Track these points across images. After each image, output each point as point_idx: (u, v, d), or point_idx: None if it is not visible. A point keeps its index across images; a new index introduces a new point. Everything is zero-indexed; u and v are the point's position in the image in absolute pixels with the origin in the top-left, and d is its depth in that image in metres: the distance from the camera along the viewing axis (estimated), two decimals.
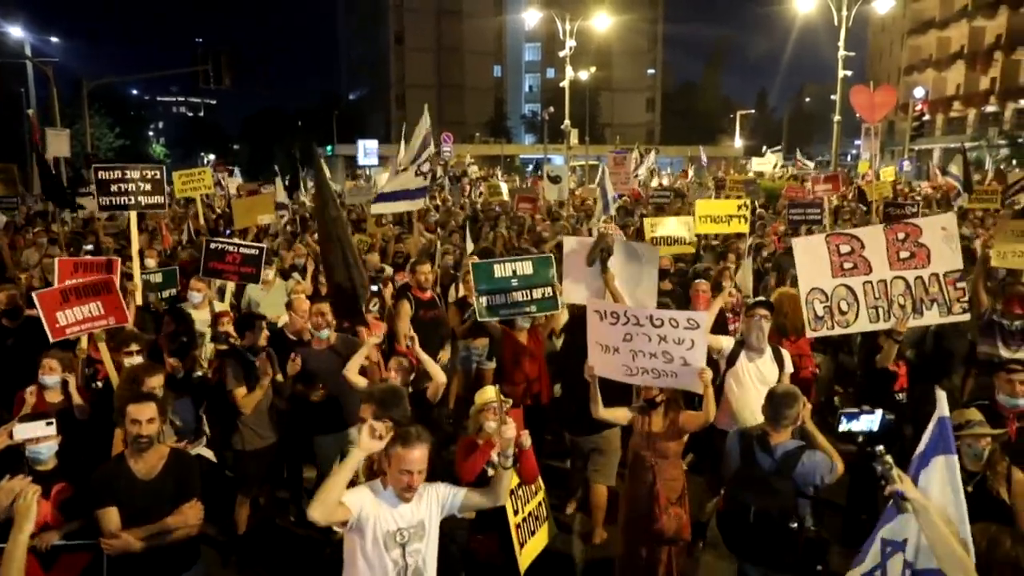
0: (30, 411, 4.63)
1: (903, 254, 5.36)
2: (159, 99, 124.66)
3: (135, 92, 79.94)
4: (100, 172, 7.05)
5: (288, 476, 6.40)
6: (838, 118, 28.20)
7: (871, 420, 2.87)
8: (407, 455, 3.25)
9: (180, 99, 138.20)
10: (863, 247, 5.35)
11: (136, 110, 67.56)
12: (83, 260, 6.74)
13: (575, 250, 6.46)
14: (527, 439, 4.29)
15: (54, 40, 34.16)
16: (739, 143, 63.44)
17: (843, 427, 2.86)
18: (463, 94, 75.22)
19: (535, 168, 54.46)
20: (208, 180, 13.77)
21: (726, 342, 5.62)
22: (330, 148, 55.50)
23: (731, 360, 5.57)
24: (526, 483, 4.51)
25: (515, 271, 6.24)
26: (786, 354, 5.68)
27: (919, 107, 32.68)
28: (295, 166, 21.04)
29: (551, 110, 50.12)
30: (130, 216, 7.20)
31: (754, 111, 76.21)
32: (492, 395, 4.53)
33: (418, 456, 3.27)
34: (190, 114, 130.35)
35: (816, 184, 13.52)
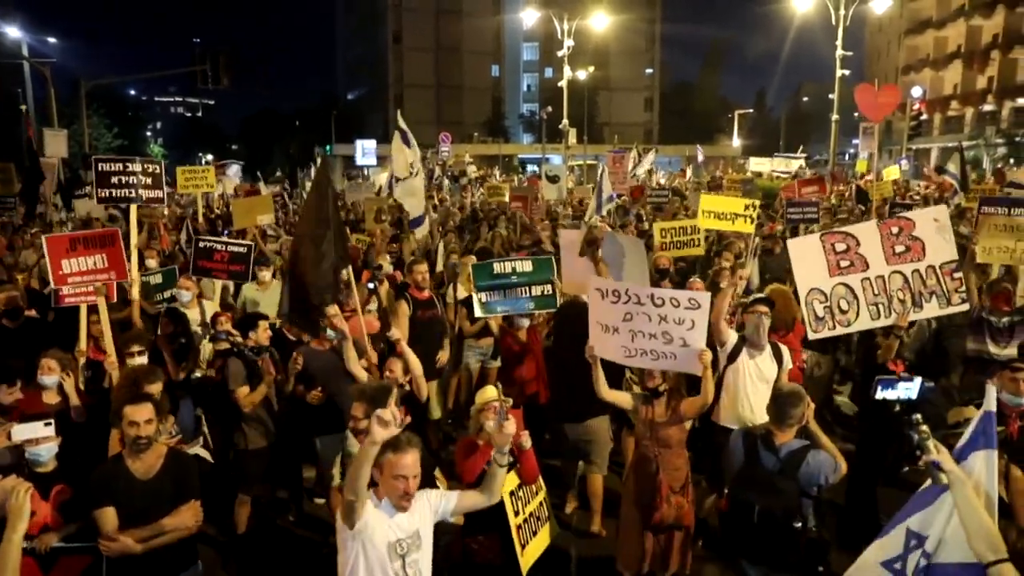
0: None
1: (898, 248, 5.36)
2: (157, 99, 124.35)
3: (133, 92, 79.79)
4: (101, 164, 7.02)
5: (288, 476, 6.40)
6: (836, 117, 28.23)
7: (909, 388, 2.77)
8: (400, 461, 3.17)
9: (178, 99, 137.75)
10: (858, 244, 5.34)
11: (134, 110, 67.44)
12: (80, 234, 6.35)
13: (572, 242, 6.50)
14: (527, 440, 4.32)
15: (52, 40, 34.16)
16: (737, 143, 63.47)
17: (879, 395, 2.77)
18: (461, 94, 75.20)
19: (524, 166, 54.58)
20: (211, 179, 13.79)
21: (731, 336, 5.63)
22: (328, 148, 55.46)
23: (732, 356, 5.57)
24: (527, 483, 4.48)
25: (515, 268, 6.26)
26: (785, 351, 5.68)
27: (917, 106, 32.65)
28: (294, 166, 21.03)
29: (549, 110, 50.11)
30: (130, 209, 7.12)
31: (752, 111, 76.24)
32: (493, 394, 4.53)
33: (411, 461, 3.19)
34: (188, 114, 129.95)
35: (803, 186, 13.43)
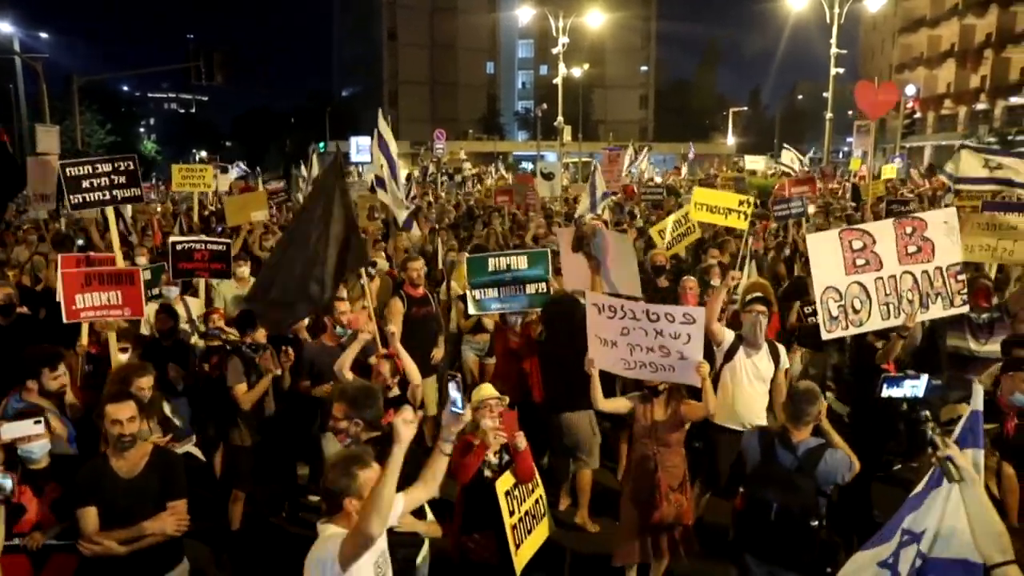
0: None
1: (911, 248, 5.34)
2: (150, 95, 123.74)
3: (126, 88, 79.59)
4: (68, 169, 6.47)
5: (282, 473, 6.40)
6: (830, 115, 28.35)
7: (915, 386, 2.72)
8: (373, 476, 3.00)
9: (172, 96, 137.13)
10: (874, 242, 5.30)
11: (127, 106, 67.20)
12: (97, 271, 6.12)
13: (568, 240, 6.54)
14: (522, 441, 4.34)
15: (44, 35, 33.97)
16: (732, 140, 63.55)
17: (884, 392, 2.72)
18: (456, 91, 75.08)
19: (519, 163, 54.60)
20: (208, 178, 13.70)
21: (728, 335, 5.64)
22: (323, 145, 55.34)
23: (729, 355, 5.58)
24: (522, 482, 4.46)
25: (509, 265, 6.24)
26: (782, 350, 5.70)
27: (910, 105, 32.78)
28: (288, 163, 20.99)
29: (544, 107, 50.14)
30: (107, 213, 6.79)
31: (747, 108, 76.38)
32: (489, 392, 4.51)
33: (375, 475, 3.06)
34: (182, 111, 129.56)
35: (793, 186, 13.57)
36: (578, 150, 49.07)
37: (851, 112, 29.75)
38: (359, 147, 53.89)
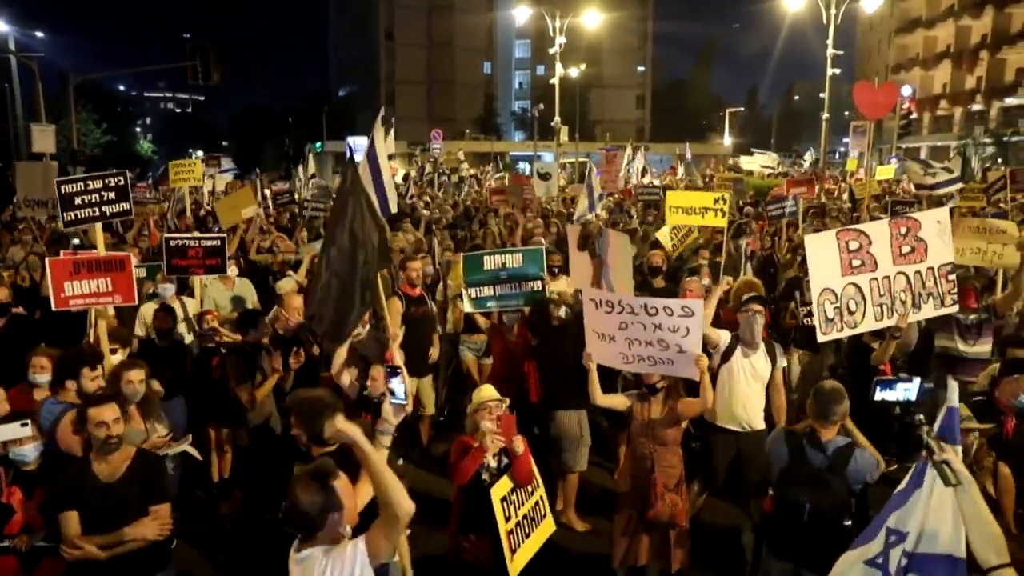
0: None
1: (905, 249, 5.36)
2: (147, 95, 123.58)
3: (122, 88, 79.46)
4: (63, 187, 6.34)
5: (280, 472, 6.37)
6: (826, 116, 28.34)
7: (908, 389, 2.75)
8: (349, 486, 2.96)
9: (168, 95, 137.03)
10: (870, 243, 5.30)
11: (123, 105, 67.08)
12: (86, 257, 5.99)
13: (574, 236, 6.57)
14: (520, 444, 4.31)
15: (39, 35, 33.88)
16: (728, 140, 63.63)
17: (878, 396, 2.74)
18: (453, 90, 75.05)
19: (516, 163, 54.66)
20: (198, 172, 13.70)
21: (724, 336, 5.64)
22: (320, 145, 55.29)
23: (726, 355, 5.57)
24: (520, 486, 4.40)
25: (504, 263, 6.23)
26: (779, 350, 5.70)
27: (907, 105, 32.88)
28: (287, 162, 20.96)
29: (541, 107, 50.12)
30: (97, 229, 6.53)
31: (744, 108, 76.51)
32: (488, 394, 4.48)
33: (346, 484, 2.96)
34: (178, 110, 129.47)
35: (792, 187, 13.64)
36: (575, 150, 49.08)
37: (848, 112, 29.90)
38: (356, 147, 53.90)
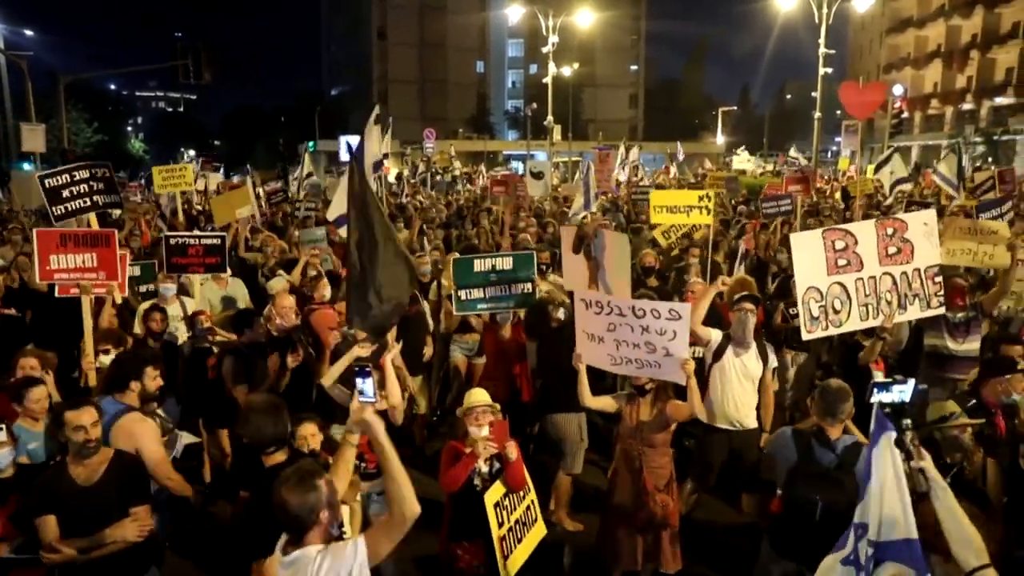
0: None
1: (891, 249, 5.39)
2: (138, 94, 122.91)
3: (113, 87, 79.02)
4: (47, 181, 6.32)
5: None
6: (818, 115, 28.43)
7: (903, 391, 2.78)
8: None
9: (159, 94, 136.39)
10: (856, 243, 5.33)
11: (114, 105, 66.74)
12: (72, 231, 5.88)
13: (568, 238, 6.56)
14: (513, 450, 4.26)
15: (29, 33, 33.67)
16: (721, 139, 63.78)
17: (875, 398, 2.77)
18: (446, 90, 74.97)
19: (509, 162, 54.71)
20: (189, 177, 13.54)
21: (715, 335, 5.65)
22: (312, 144, 55.12)
23: (717, 354, 5.59)
24: (513, 491, 4.34)
25: (494, 266, 6.22)
26: (770, 349, 5.72)
27: (898, 104, 33.01)
28: (281, 161, 20.88)
29: (534, 106, 50.17)
30: (89, 220, 6.61)
31: (736, 107, 76.71)
32: (477, 399, 4.40)
33: (328, 480, 2.98)
34: (170, 109, 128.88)
35: (789, 184, 13.72)
36: (568, 149, 49.11)
37: (839, 112, 30.04)
38: (348, 146, 53.74)
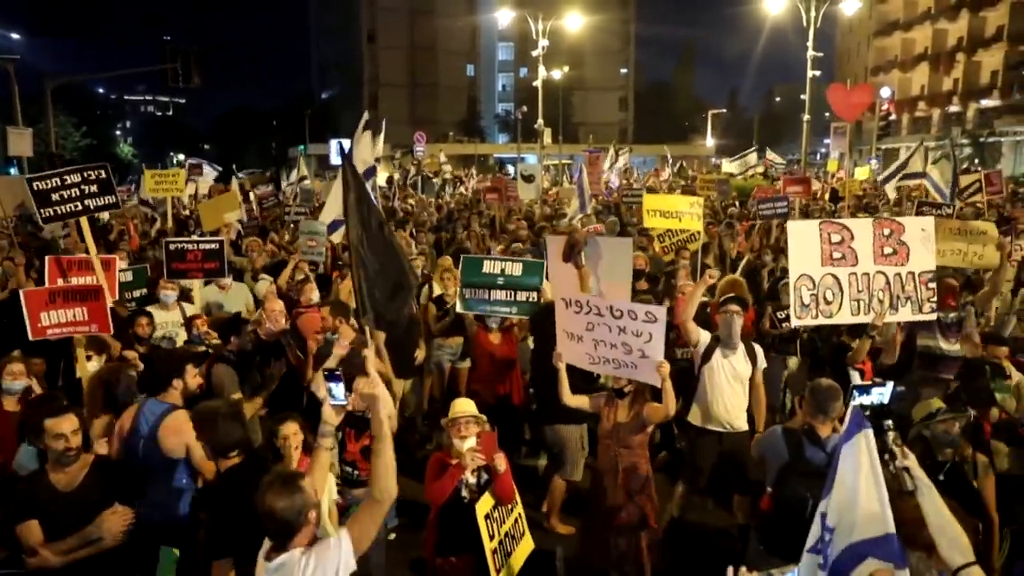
0: None
1: (887, 250, 5.46)
2: (127, 98, 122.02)
3: (101, 91, 78.57)
4: (35, 183, 6.21)
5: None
6: (807, 117, 28.61)
7: (882, 393, 2.86)
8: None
9: (148, 98, 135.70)
10: (852, 238, 5.40)
11: (102, 109, 66.33)
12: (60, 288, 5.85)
13: (557, 248, 6.53)
14: (502, 462, 4.19)
15: (15, 36, 33.45)
16: (711, 142, 64.06)
17: (856, 401, 2.83)
18: (436, 93, 74.95)
19: (501, 166, 54.71)
20: (181, 183, 13.48)
21: (704, 336, 5.67)
22: (303, 148, 55.00)
23: (706, 356, 5.61)
24: (502, 504, 4.28)
25: (503, 270, 6.20)
26: (758, 350, 5.74)
27: (885, 107, 33.28)
28: (273, 165, 20.81)
29: (524, 109, 50.20)
30: (81, 223, 6.54)
31: (725, 110, 77.03)
32: (462, 409, 4.32)
33: (311, 482, 3.02)
34: (159, 113, 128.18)
35: (788, 185, 13.82)
36: (558, 152, 49.16)
37: (828, 114, 30.21)
38: (339, 149, 53.69)
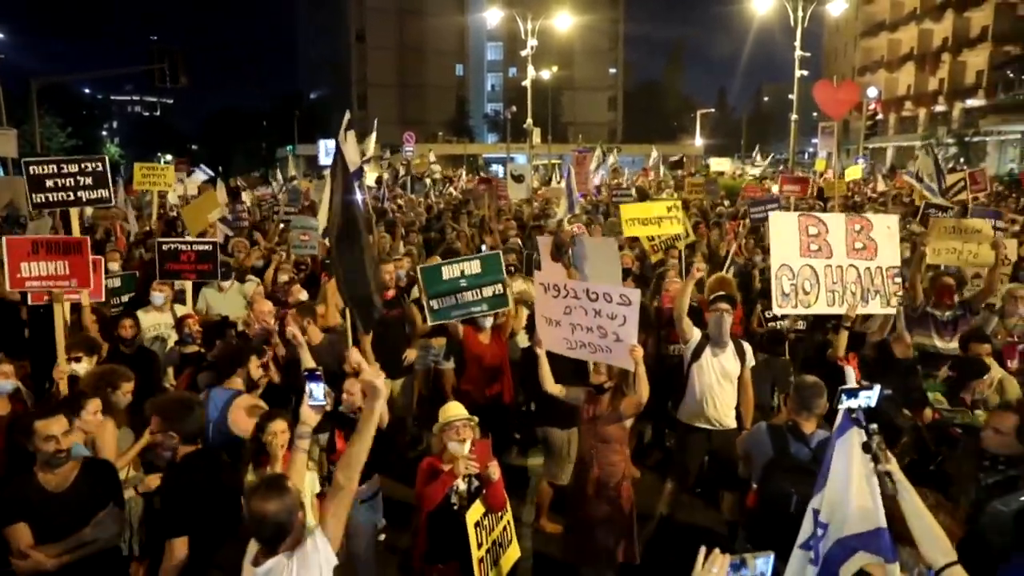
0: None
1: (858, 244, 5.66)
2: (113, 98, 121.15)
3: (87, 91, 77.94)
4: (32, 168, 6.34)
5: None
6: (795, 117, 28.82)
7: (869, 396, 2.91)
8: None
9: (135, 98, 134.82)
10: (827, 231, 5.61)
11: (89, 109, 65.79)
12: (44, 238, 5.80)
13: (547, 248, 6.57)
14: (495, 471, 4.16)
15: (0, 36, 33.15)
16: (700, 142, 64.35)
17: (843, 404, 2.89)
18: (425, 93, 74.89)
19: (489, 165, 54.78)
20: (170, 177, 13.44)
21: (695, 333, 5.70)
22: (291, 148, 54.78)
23: (696, 354, 5.64)
24: (493, 511, 4.23)
25: (463, 271, 6.21)
26: (747, 348, 5.78)
27: (872, 107, 33.51)
28: (263, 165, 20.78)
29: (513, 109, 50.29)
30: (71, 214, 6.56)
31: (714, 110, 77.38)
32: (455, 412, 4.31)
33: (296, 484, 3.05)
34: (146, 114, 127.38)
35: (785, 184, 13.91)
36: (547, 152, 49.25)
37: (816, 114, 30.53)
38: (327, 150, 53.52)
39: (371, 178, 20.29)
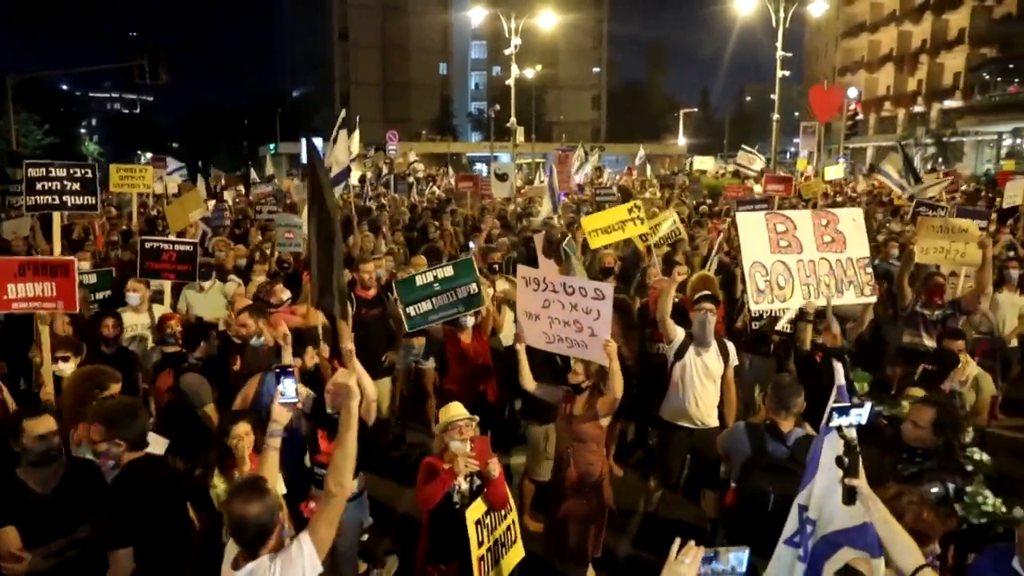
0: None
1: (827, 238, 5.78)
2: (92, 95, 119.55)
3: (65, 88, 76.83)
4: (31, 169, 6.48)
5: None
6: (777, 117, 29.04)
7: (860, 413, 2.94)
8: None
9: (115, 95, 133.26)
10: (795, 228, 5.73)
11: (67, 106, 64.84)
12: (32, 260, 5.90)
13: (540, 243, 6.62)
14: (495, 468, 4.15)
15: None
16: (683, 141, 64.71)
17: (835, 422, 2.90)
18: (409, 91, 74.61)
19: (472, 164, 54.73)
20: (148, 179, 13.24)
21: (679, 333, 5.73)
22: (273, 146, 54.34)
23: (679, 353, 5.66)
24: (495, 510, 4.22)
25: (436, 276, 6.22)
26: (731, 347, 5.82)
27: (853, 107, 33.88)
28: (245, 163, 20.59)
29: (497, 108, 50.22)
30: (54, 218, 6.53)
31: (697, 110, 77.85)
32: (456, 412, 4.31)
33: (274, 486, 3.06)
34: (126, 111, 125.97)
35: (769, 183, 13.98)
36: (531, 151, 49.25)
37: (797, 114, 30.81)
38: (313, 145, 53.11)
39: (355, 176, 20.22)
